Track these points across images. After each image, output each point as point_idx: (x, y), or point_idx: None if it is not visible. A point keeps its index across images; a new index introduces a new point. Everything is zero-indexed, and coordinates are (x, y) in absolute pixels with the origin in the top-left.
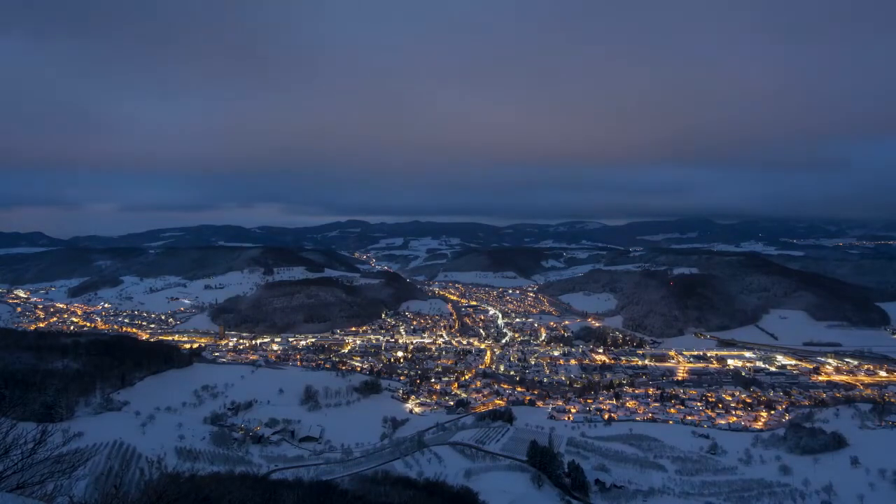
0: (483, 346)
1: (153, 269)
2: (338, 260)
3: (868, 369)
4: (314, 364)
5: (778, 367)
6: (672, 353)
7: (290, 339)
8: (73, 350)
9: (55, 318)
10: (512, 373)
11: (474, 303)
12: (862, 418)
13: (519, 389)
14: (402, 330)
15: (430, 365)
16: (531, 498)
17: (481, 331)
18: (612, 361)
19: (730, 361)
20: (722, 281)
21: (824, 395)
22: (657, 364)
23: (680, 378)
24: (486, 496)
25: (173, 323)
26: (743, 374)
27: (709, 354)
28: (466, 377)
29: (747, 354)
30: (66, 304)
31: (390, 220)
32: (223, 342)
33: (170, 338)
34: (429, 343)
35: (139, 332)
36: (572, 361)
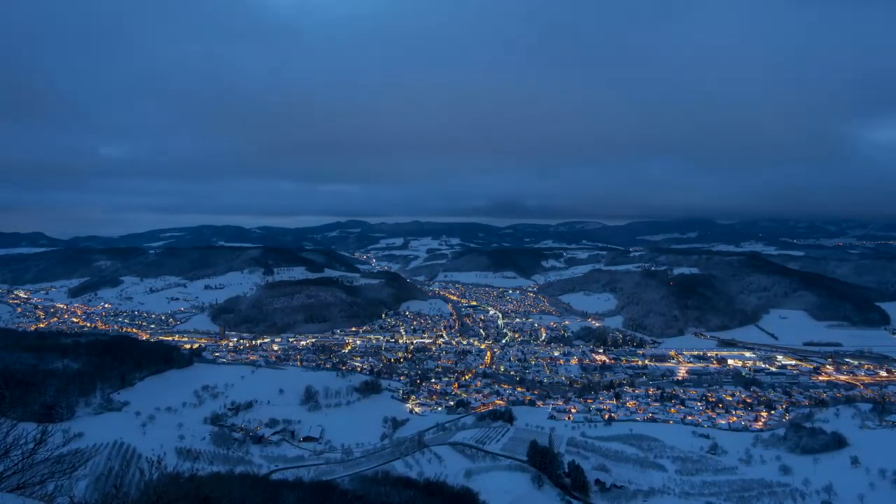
0: (483, 347)
1: (153, 269)
2: (338, 260)
3: (868, 369)
4: (314, 364)
5: (778, 367)
6: (672, 353)
7: (290, 340)
8: (73, 350)
9: (55, 319)
10: (512, 373)
11: (474, 303)
12: (862, 418)
13: (519, 389)
14: (402, 330)
15: (431, 365)
16: (531, 498)
17: (481, 331)
18: (612, 361)
19: (730, 361)
20: (722, 281)
21: (824, 395)
22: (657, 364)
23: (680, 378)
24: (486, 496)
25: (173, 323)
26: (743, 374)
27: (709, 354)
28: (466, 377)
29: (747, 354)
30: (66, 305)
31: (390, 221)
32: (223, 342)
33: (170, 338)
34: (429, 343)
35: (139, 332)
36: (572, 361)
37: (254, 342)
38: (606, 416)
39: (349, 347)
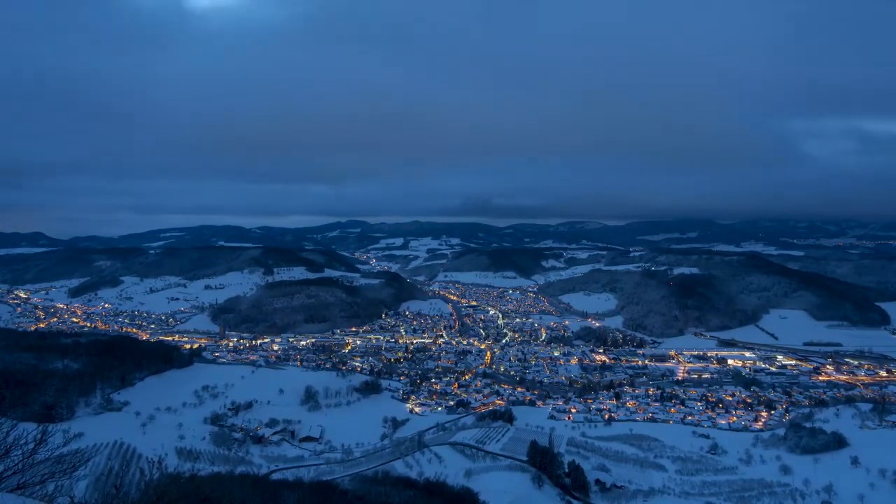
0: (483, 347)
1: (153, 269)
2: (338, 260)
3: (868, 369)
4: (314, 364)
5: (778, 367)
6: (672, 353)
7: (291, 340)
8: (73, 350)
9: (55, 319)
10: (512, 373)
11: (474, 303)
12: (862, 418)
13: (519, 389)
14: (402, 330)
15: (431, 365)
16: (531, 498)
17: (481, 331)
18: (613, 361)
19: (730, 361)
20: (722, 281)
21: (824, 395)
22: (657, 364)
23: (680, 378)
24: (486, 496)
25: (173, 323)
26: (743, 374)
27: (709, 354)
28: (467, 377)
29: (747, 354)
30: (66, 305)
31: (390, 220)
32: (223, 342)
33: (170, 338)
34: (429, 343)
35: (139, 332)
36: (572, 361)
37: (254, 342)
38: (606, 416)
39: (349, 347)
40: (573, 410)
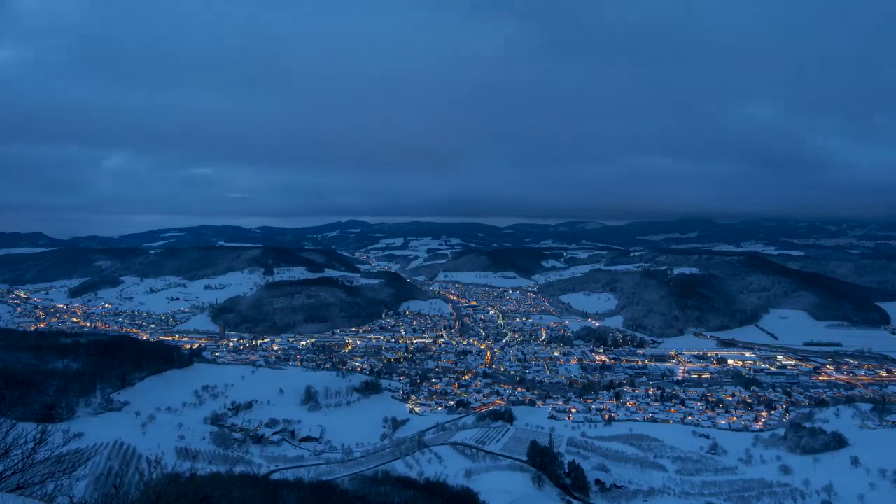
0: (483, 347)
1: (153, 269)
2: (338, 260)
3: (868, 369)
4: (314, 364)
5: (778, 367)
6: (672, 353)
7: (291, 340)
8: (73, 350)
9: (55, 319)
10: (512, 373)
11: (474, 303)
12: (862, 418)
13: (519, 389)
14: (402, 330)
15: (431, 365)
16: (532, 498)
17: (481, 331)
18: (612, 361)
19: (730, 361)
20: (722, 281)
21: (824, 395)
22: (657, 364)
23: (680, 378)
24: (486, 496)
25: (173, 323)
26: (743, 373)
27: (709, 354)
28: (467, 377)
29: (747, 354)
30: (66, 305)
31: (390, 220)
32: (223, 342)
33: (170, 338)
34: (429, 343)
35: (139, 332)
36: (572, 361)
37: (254, 342)
38: (606, 416)
39: (349, 347)
40: (573, 410)
